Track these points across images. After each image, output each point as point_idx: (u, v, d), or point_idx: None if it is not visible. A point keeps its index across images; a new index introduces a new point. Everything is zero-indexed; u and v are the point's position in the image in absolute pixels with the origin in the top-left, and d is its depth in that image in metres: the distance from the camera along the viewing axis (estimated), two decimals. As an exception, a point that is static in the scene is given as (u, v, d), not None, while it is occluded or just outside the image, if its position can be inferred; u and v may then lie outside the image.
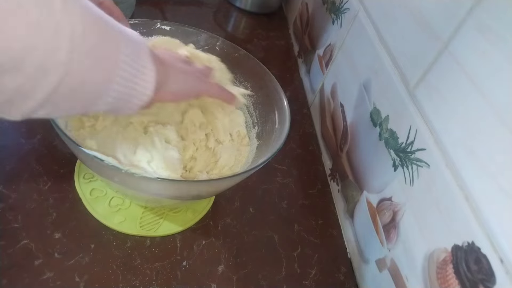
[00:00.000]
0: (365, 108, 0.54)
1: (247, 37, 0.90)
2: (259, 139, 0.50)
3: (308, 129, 0.71)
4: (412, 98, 0.44)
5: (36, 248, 0.40)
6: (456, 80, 0.38)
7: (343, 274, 0.50)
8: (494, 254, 0.31)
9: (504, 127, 0.32)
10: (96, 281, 0.40)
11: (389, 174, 0.46)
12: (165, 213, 0.48)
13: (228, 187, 0.43)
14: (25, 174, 0.46)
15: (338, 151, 0.61)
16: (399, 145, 0.45)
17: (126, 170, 0.34)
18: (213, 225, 0.50)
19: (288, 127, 0.44)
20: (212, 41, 0.53)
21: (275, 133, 0.47)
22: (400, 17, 0.49)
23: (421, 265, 0.39)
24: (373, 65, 0.53)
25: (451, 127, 0.38)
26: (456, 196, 0.35)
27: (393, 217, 0.45)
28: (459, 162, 0.36)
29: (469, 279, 0.33)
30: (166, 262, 0.44)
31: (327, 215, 0.57)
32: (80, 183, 0.47)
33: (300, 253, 0.50)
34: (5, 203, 0.43)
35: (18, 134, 0.50)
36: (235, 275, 0.45)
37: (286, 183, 0.59)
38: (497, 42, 0.34)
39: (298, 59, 0.88)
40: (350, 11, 0.65)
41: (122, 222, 0.45)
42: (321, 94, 0.71)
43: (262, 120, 0.51)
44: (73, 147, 0.35)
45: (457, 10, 0.39)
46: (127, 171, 0.34)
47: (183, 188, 0.40)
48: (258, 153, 0.48)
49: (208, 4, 0.95)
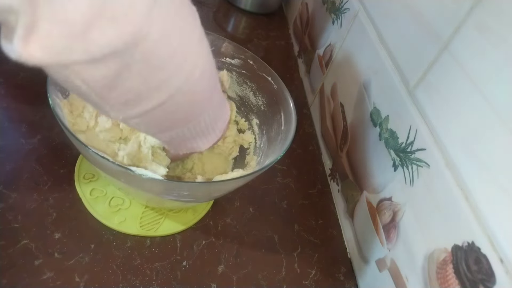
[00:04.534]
0: (365, 108, 0.54)
1: (247, 37, 0.90)
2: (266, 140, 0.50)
3: (308, 129, 0.71)
4: (412, 98, 0.44)
5: (36, 248, 0.40)
6: (456, 80, 0.38)
7: (343, 274, 0.50)
8: (494, 254, 0.31)
9: (504, 127, 0.32)
10: (96, 281, 0.40)
11: (389, 174, 0.46)
12: (165, 213, 0.48)
13: (238, 186, 0.43)
14: (25, 174, 0.46)
15: (338, 151, 0.61)
16: (399, 145, 0.45)
17: (140, 174, 0.34)
18: (213, 225, 0.50)
19: (295, 128, 0.44)
20: (218, 43, 0.53)
21: (281, 133, 0.47)
22: (400, 17, 0.49)
23: (421, 265, 0.39)
24: (373, 65, 0.53)
25: (451, 127, 0.38)
26: (456, 196, 0.35)
27: (393, 217, 0.45)
28: (459, 162, 0.36)
29: (469, 279, 0.33)
30: (166, 262, 0.44)
31: (327, 215, 0.57)
32: (80, 183, 0.47)
33: (300, 253, 0.50)
34: (5, 203, 0.43)
35: (18, 134, 0.50)
36: (235, 275, 0.45)
37: (286, 183, 0.59)
38: (497, 42, 0.34)
39: (298, 59, 0.88)
40: (350, 11, 0.65)
41: (122, 222, 0.45)
42: (321, 94, 0.71)
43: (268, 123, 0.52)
44: (83, 149, 0.35)
45: (457, 10, 0.39)
46: (140, 175, 0.34)
47: (192, 189, 0.40)
48: (265, 154, 0.48)
49: (208, 4, 0.95)
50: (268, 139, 0.50)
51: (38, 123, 0.52)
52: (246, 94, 0.54)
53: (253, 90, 0.53)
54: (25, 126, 0.51)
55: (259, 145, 0.52)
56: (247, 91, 0.54)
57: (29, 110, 0.53)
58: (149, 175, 0.34)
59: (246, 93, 0.54)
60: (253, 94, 0.54)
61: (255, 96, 0.53)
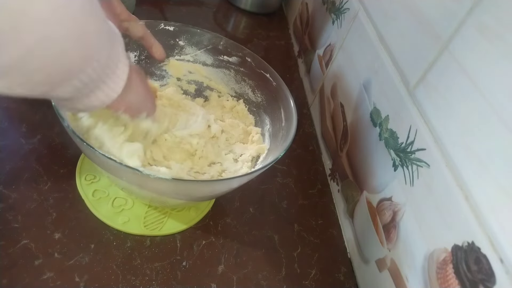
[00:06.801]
0: (365, 108, 0.54)
1: (247, 37, 0.90)
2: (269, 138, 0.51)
3: (308, 129, 0.71)
4: (412, 98, 0.44)
5: (36, 248, 0.40)
6: (456, 80, 0.38)
7: (343, 274, 0.50)
8: (494, 254, 0.31)
9: (504, 127, 0.32)
10: (96, 281, 0.40)
11: (389, 174, 0.46)
12: (169, 212, 0.48)
13: (241, 184, 0.43)
14: (25, 174, 0.46)
15: (338, 151, 0.61)
16: (399, 145, 0.45)
17: (147, 173, 0.34)
18: (213, 225, 0.50)
19: (296, 124, 0.44)
20: (215, 41, 0.53)
21: (282, 130, 0.47)
22: (400, 17, 0.49)
23: (421, 265, 0.39)
24: (373, 65, 0.53)
25: (451, 127, 0.38)
26: (456, 196, 0.35)
27: (393, 217, 0.45)
28: (459, 162, 0.36)
29: (469, 279, 0.33)
30: (166, 262, 0.44)
31: (327, 215, 0.57)
32: (82, 185, 0.47)
33: (300, 253, 0.50)
34: (5, 203, 0.43)
35: (18, 134, 0.50)
36: (235, 275, 0.45)
37: (286, 183, 0.59)
38: (497, 42, 0.34)
39: (298, 59, 0.88)
40: (350, 11, 0.65)
41: (126, 222, 0.45)
42: (321, 94, 0.71)
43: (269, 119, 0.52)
44: (86, 148, 0.35)
45: (457, 10, 0.39)
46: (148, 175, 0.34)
47: (195, 188, 0.40)
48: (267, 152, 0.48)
49: (208, 4, 0.95)
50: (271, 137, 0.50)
51: (38, 123, 0.52)
52: (245, 91, 0.54)
53: (251, 87, 0.53)
54: (25, 126, 0.51)
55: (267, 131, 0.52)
56: (245, 89, 0.54)
57: (29, 110, 0.53)
58: (157, 175, 0.34)
59: (245, 91, 0.54)
60: (251, 92, 0.54)
61: (254, 93, 0.53)
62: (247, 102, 0.54)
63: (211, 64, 0.55)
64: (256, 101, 0.53)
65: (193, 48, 0.54)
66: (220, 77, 0.55)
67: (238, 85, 0.54)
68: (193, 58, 0.54)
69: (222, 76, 0.55)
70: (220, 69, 0.55)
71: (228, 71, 0.54)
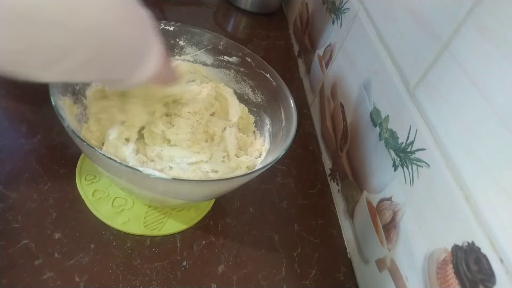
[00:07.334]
0: (365, 108, 0.54)
1: (247, 37, 0.90)
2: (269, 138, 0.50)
3: (308, 129, 0.71)
4: (412, 98, 0.44)
5: (36, 248, 0.40)
6: (456, 80, 0.38)
7: (343, 274, 0.50)
8: (494, 254, 0.31)
9: (504, 127, 0.32)
10: (96, 281, 0.40)
11: (389, 174, 0.46)
12: (169, 212, 0.48)
13: (241, 184, 0.43)
14: (25, 174, 0.46)
15: (338, 151, 0.61)
16: (399, 145, 0.45)
17: (147, 173, 0.34)
18: (213, 225, 0.50)
19: (296, 125, 0.44)
20: (215, 41, 0.53)
21: (282, 131, 0.47)
22: (400, 17, 0.49)
23: (421, 265, 0.39)
24: (373, 65, 0.53)
25: (451, 127, 0.38)
26: (456, 196, 0.35)
27: (393, 217, 0.45)
28: (459, 162, 0.36)
29: (469, 279, 0.33)
30: (166, 262, 0.44)
31: (327, 215, 0.57)
32: (82, 185, 0.47)
33: (300, 253, 0.50)
34: (5, 203, 0.43)
35: (18, 134, 0.50)
36: (235, 275, 0.45)
37: (286, 183, 0.59)
38: (497, 42, 0.34)
39: (298, 59, 0.88)
40: (350, 11, 0.65)
41: (126, 222, 0.45)
42: (321, 94, 0.71)
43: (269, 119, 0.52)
44: (86, 148, 0.35)
45: (457, 10, 0.39)
46: (148, 174, 0.34)
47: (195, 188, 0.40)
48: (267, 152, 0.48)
49: (208, 4, 0.95)
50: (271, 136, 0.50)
51: (38, 123, 0.52)
52: (245, 91, 0.54)
53: (251, 87, 0.53)
54: (25, 126, 0.51)
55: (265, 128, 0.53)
56: (245, 89, 0.54)
57: (29, 110, 0.53)
58: (157, 174, 0.34)
59: (245, 91, 0.54)
60: (252, 92, 0.54)
61: (254, 94, 0.53)
62: (247, 102, 0.54)
63: (211, 64, 0.55)
64: (256, 101, 0.53)
65: (193, 48, 0.54)
66: (220, 77, 0.55)
67: (238, 85, 0.54)
68: (193, 58, 0.54)
69: (222, 76, 0.55)
70: (220, 69, 0.55)
71: (228, 71, 0.54)
